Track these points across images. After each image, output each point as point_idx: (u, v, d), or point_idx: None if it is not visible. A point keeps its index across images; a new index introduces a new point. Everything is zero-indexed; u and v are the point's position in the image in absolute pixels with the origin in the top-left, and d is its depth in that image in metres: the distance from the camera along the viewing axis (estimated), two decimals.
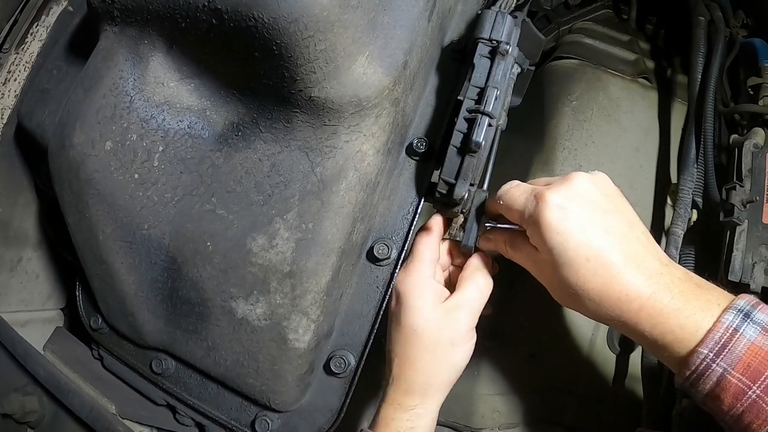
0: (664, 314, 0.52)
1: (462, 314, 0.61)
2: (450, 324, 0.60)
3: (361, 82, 0.60)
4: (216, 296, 0.66)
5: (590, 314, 0.58)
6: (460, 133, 0.62)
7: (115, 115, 0.69)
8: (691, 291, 0.53)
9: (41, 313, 0.96)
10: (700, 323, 0.51)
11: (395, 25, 0.62)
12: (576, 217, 0.55)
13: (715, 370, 0.49)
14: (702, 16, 0.99)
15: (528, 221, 0.57)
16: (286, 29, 0.56)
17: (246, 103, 0.66)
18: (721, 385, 0.49)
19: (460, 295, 0.62)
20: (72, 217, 0.73)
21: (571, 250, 0.54)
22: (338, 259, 0.63)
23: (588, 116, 0.96)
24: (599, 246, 0.54)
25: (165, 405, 0.79)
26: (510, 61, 0.66)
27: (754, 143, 0.86)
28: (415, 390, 0.61)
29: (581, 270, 0.54)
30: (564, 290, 0.57)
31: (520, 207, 0.58)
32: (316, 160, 0.63)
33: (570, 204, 0.55)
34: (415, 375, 0.60)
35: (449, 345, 0.60)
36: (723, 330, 0.50)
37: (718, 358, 0.49)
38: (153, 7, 0.64)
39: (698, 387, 0.51)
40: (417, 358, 0.60)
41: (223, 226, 0.65)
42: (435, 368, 0.60)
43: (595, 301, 0.55)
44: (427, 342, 0.60)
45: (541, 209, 0.56)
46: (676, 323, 0.52)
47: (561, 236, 0.54)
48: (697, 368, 0.50)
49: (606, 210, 0.56)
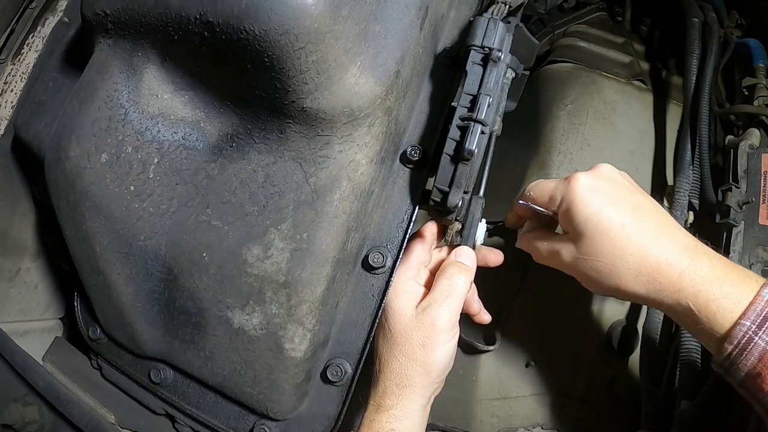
0: (706, 281, 0.52)
1: (433, 313, 0.60)
2: (420, 325, 0.60)
3: (353, 92, 0.60)
4: (212, 306, 0.66)
5: (627, 291, 0.57)
6: (453, 141, 0.63)
7: (110, 127, 0.69)
8: (728, 264, 0.54)
9: (40, 323, 0.96)
10: (741, 294, 0.51)
11: (387, 34, 0.63)
12: (607, 192, 0.58)
13: (758, 344, 0.49)
14: (696, 18, 0.99)
15: (561, 203, 0.60)
16: (278, 41, 0.56)
17: (240, 114, 0.66)
18: (763, 360, 0.49)
19: (431, 294, 0.62)
20: (69, 228, 0.73)
21: (605, 220, 0.56)
22: (333, 268, 0.63)
23: (583, 119, 0.97)
24: (632, 216, 0.56)
25: (164, 414, 0.80)
26: (502, 68, 0.66)
27: (750, 144, 0.86)
28: (392, 391, 0.60)
29: (617, 239, 0.55)
30: (599, 268, 0.57)
31: (552, 191, 0.61)
32: (310, 171, 0.63)
33: (599, 182, 0.59)
34: (391, 375, 0.60)
35: (420, 346, 0.59)
36: (764, 303, 0.50)
37: (760, 330, 0.49)
38: (146, 20, 0.64)
39: (739, 364, 0.50)
40: (391, 359, 0.61)
41: (219, 236, 0.65)
42: (408, 369, 0.60)
43: (634, 272, 0.55)
44: (400, 342, 0.60)
45: (573, 186, 0.59)
46: (720, 291, 0.52)
47: (595, 207, 0.57)
48: (739, 342, 0.50)
49: (632, 190, 0.60)
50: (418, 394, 0.61)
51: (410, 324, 0.61)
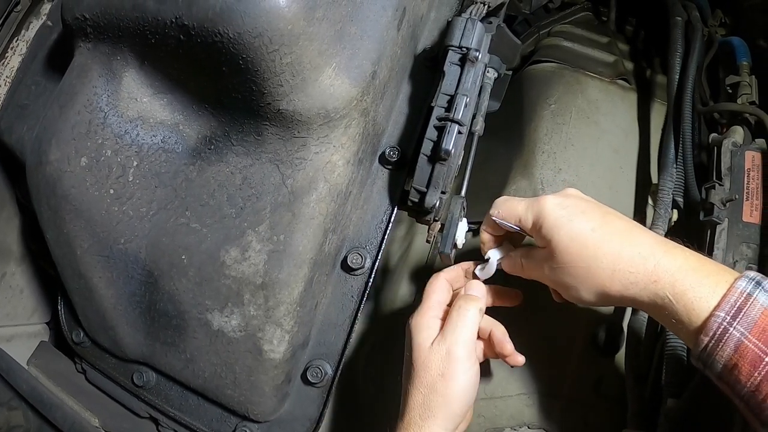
0: (682, 271, 0.53)
1: (447, 343, 0.62)
2: (437, 356, 0.62)
3: (328, 93, 0.60)
4: (192, 309, 0.66)
5: (605, 291, 0.58)
6: (430, 141, 0.63)
7: (90, 131, 0.69)
8: (701, 257, 0.55)
9: (26, 327, 0.96)
10: (716, 286, 0.51)
11: (363, 35, 0.63)
12: (575, 205, 0.60)
13: (733, 335, 0.49)
14: (679, 17, 0.99)
15: (533, 221, 0.62)
16: (251, 44, 0.56)
17: (218, 116, 0.66)
18: (738, 351, 0.49)
19: (444, 327, 0.64)
20: (50, 232, 0.74)
21: (576, 227, 0.58)
22: (310, 269, 0.63)
23: (567, 119, 0.96)
24: (601, 221, 0.59)
25: (148, 417, 0.80)
26: (480, 68, 0.66)
27: (733, 141, 0.86)
28: (415, 422, 0.62)
29: (589, 241, 0.57)
30: (576, 274, 0.58)
31: (522, 213, 0.63)
32: (287, 172, 0.63)
33: (567, 200, 0.61)
34: (414, 407, 0.62)
35: (440, 377, 0.61)
36: (738, 294, 0.50)
37: (734, 321, 0.49)
38: (123, 24, 0.64)
39: (716, 356, 0.50)
40: (414, 390, 0.62)
41: (197, 239, 0.66)
42: (429, 400, 0.62)
43: (609, 271, 0.56)
44: (420, 374, 0.62)
45: (542, 206, 0.61)
46: (696, 280, 0.52)
47: (565, 218, 0.59)
48: (715, 333, 0.50)
49: (599, 205, 0.62)
50: (440, 427, 0.62)
51: (429, 356, 0.63)
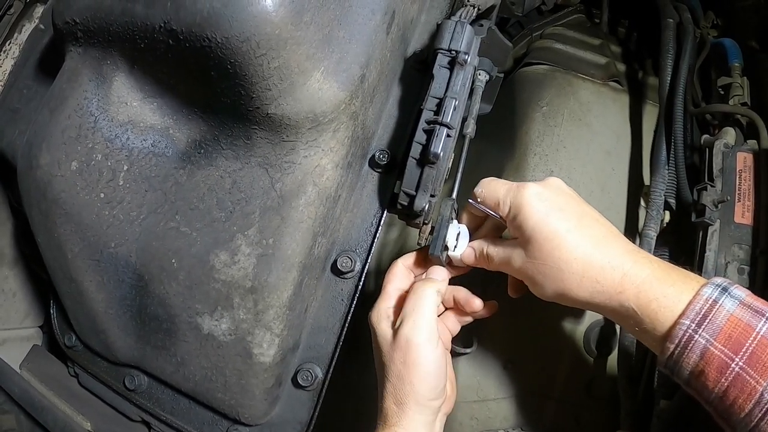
0: (647, 282, 0.54)
1: (405, 330, 0.61)
2: (397, 344, 0.61)
3: (316, 97, 0.60)
4: (182, 312, 0.67)
5: (572, 295, 0.58)
6: (419, 144, 0.63)
7: (80, 135, 0.70)
8: (669, 266, 0.55)
9: (19, 331, 0.96)
10: (681, 295, 0.52)
11: (351, 39, 0.63)
12: (554, 200, 0.60)
13: (698, 342, 0.49)
14: (671, 18, 0.99)
15: (510, 209, 0.62)
16: (239, 48, 0.56)
17: (207, 120, 0.66)
18: (705, 358, 0.49)
19: (401, 313, 0.62)
20: (41, 236, 0.74)
21: (552, 225, 0.58)
22: (299, 273, 0.63)
23: (559, 121, 0.96)
24: (577, 223, 0.58)
25: (140, 421, 0.80)
26: (469, 71, 0.66)
27: (725, 143, 0.86)
28: (392, 410, 0.62)
29: (563, 243, 0.57)
30: (545, 272, 0.58)
31: (502, 195, 0.63)
32: (276, 176, 0.63)
33: (547, 191, 0.61)
34: (387, 395, 0.62)
35: (402, 365, 0.60)
36: (703, 301, 0.50)
37: (700, 329, 0.49)
38: (113, 29, 0.64)
39: (682, 363, 0.51)
40: (385, 379, 0.62)
41: (187, 243, 0.66)
42: (398, 389, 0.61)
43: (578, 276, 0.56)
44: (387, 363, 0.61)
45: (522, 193, 0.61)
46: (661, 291, 0.53)
47: (542, 213, 0.59)
48: (680, 341, 0.50)
49: (578, 201, 0.62)
50: (415, 411, 0.61)
51: (392, 345, 0.62)
